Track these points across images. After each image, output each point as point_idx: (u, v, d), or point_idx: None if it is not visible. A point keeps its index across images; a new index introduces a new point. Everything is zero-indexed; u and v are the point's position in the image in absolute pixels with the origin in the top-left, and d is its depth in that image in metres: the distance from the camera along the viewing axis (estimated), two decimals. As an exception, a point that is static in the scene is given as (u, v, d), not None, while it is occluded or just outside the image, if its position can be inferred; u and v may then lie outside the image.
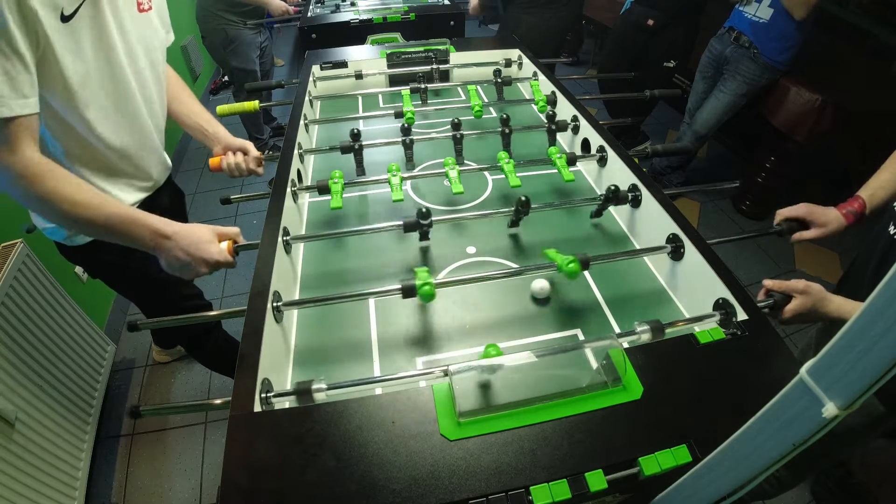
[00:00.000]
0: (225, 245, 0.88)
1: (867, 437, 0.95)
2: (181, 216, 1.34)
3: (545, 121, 1.29)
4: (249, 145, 1.18)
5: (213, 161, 1.16)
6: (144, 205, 1.09)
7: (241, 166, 1.15)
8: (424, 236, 0.98)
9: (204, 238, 0.87)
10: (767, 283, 0.78)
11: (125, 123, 0.96)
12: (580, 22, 3.85)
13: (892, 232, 0.85)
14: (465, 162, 1.26)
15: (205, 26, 2.46)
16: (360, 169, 1.21)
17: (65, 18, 0.77)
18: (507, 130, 1.24)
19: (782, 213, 0.95)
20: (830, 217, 0.92)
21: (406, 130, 1.21)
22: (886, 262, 0.87)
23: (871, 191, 0.92)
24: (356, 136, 1.18)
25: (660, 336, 0.70)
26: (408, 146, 1.22)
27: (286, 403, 0.67)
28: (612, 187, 0.97)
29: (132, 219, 0.83)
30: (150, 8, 0.96)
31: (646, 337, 0.70)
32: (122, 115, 0.95)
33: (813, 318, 0.77)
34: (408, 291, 0.74)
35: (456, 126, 1.22)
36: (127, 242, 0.85)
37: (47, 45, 0.75)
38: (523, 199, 0.92)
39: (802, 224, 0.94)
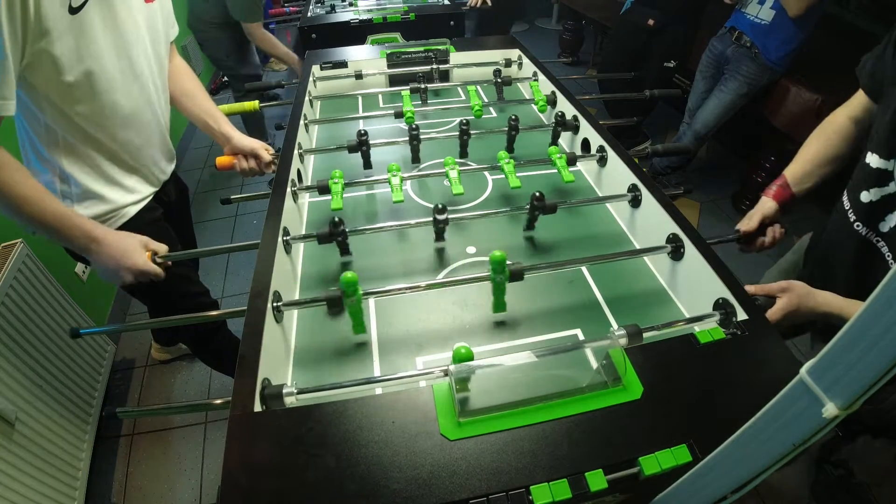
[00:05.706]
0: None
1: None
2: (185, 209, 1.37)
3: (545, 121, 1.29)
4: (259, 148, 1.21)
5: (220, 160, 1.19)
6: (155, 197, 1.12)
7: (254, 170, 1.22)
8: (345, 250, 0.99)
9: (131, 248, 0.90)
10: (749, 288, 0.78)
11: (137, 115, 0.97)
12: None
13: (858, 228, 0.83)
14: (467, 162, 1.26)
15: (203, 36, 2.40)
16: (367, 163, 1.21)
17: (73, 10, 0.76)
18: (513, 132, 1.24)
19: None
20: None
21: (413, 129, 1.21)
22: (863, 263, 0.84)
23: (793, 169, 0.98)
24: (362, 136, 1.18)
25: (638, 341, 0.68)
26: (414, 145, 1.22)
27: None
28: (537, 194, 0.94)
29: (68, 218, 0.85)
30: None
31: (623, 342, 0.68)
32: (135, 106, 0.96)
33: (802, 314, 0.77)
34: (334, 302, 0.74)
35: (463, 127, 1.22)
36: (62, 241, 0.87)
37: (54, 40, 0.75)
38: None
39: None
